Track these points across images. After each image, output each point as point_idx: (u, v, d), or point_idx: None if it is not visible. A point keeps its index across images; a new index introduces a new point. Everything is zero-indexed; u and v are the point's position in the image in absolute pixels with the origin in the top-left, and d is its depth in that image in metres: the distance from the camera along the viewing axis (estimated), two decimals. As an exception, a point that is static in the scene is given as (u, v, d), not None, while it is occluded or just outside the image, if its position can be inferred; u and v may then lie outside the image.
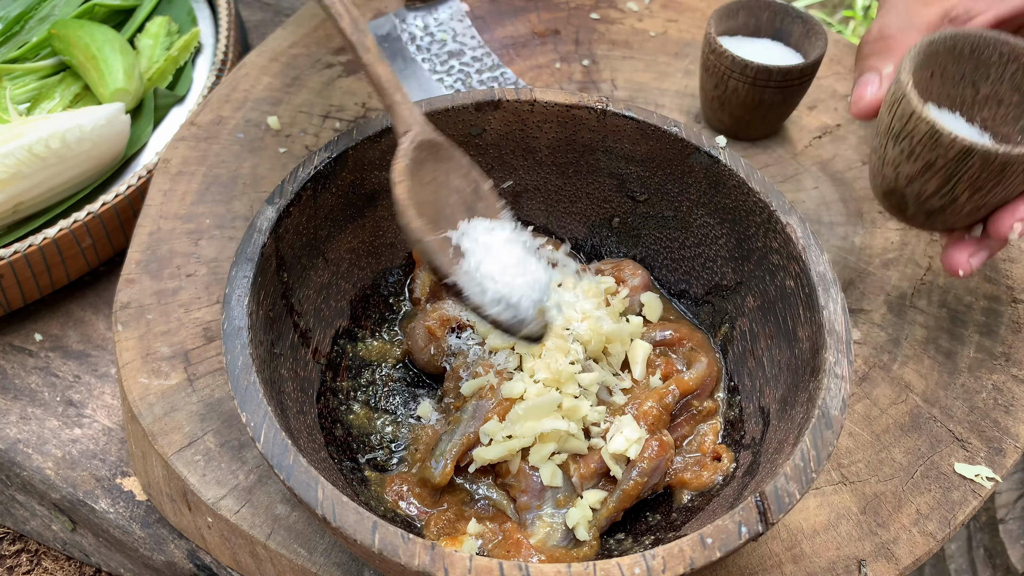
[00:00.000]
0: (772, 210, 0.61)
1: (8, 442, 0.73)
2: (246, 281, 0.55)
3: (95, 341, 0.79)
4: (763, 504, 0.47)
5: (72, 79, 0.92)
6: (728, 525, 0.47)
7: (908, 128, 0.58)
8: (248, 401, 0.50)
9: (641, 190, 0.69)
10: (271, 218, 0.58)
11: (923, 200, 0.61)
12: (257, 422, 0.49)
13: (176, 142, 0.82)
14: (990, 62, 0.63)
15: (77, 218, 0.77)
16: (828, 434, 0.50)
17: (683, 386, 0.61)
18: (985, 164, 0.56)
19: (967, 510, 0.62)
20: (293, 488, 0.47)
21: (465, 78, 0.89)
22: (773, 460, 0.53)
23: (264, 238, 0.57)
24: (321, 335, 0.65)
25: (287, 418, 0.55)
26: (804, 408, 0.53)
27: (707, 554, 0.46)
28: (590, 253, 0.73)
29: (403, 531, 0.45)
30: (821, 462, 0.49)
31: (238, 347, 0.52)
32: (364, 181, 0.65)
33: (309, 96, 0.88)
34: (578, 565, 0.45)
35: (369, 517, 0.46)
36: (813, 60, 0.80)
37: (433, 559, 0.45)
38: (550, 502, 0.57)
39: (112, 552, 0.74)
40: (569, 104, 0.66)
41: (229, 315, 0.54)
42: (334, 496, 0.47)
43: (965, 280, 0.76)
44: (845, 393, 0.52)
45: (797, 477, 0.48)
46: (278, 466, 0.48)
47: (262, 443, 0.49)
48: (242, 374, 0.51)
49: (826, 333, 0.54)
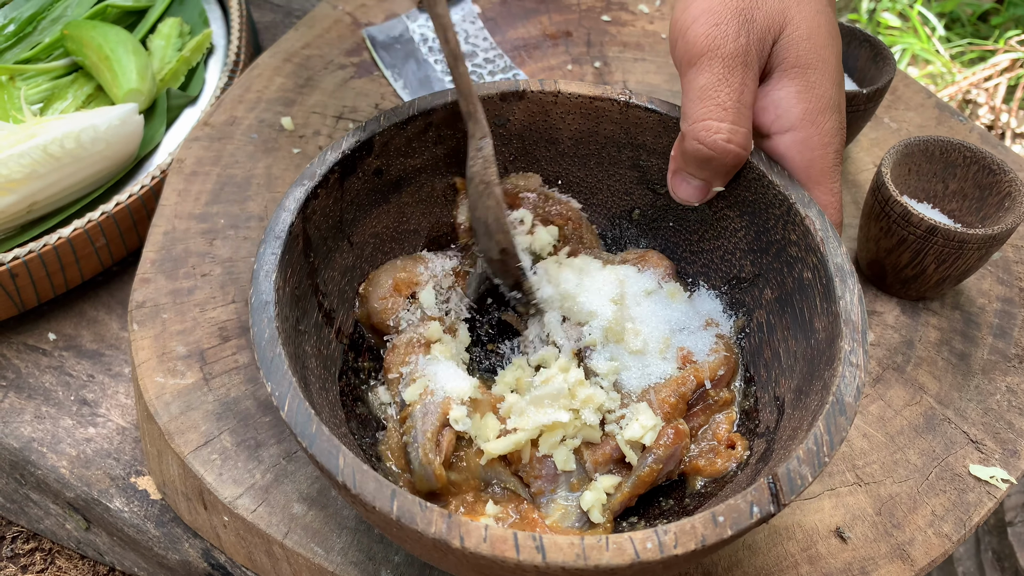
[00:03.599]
0: (792, 203, 0.61)
1: (22, 441, 0.73)
2: (274, 258, 0.56)
3: (108, 340, 0.79)
4: (775, 485, 0.48)
5: (85, 79, 0.92)
6: (740, 504, 0.47)
7: (886, 210, 0.70)
8: (274, 372, 0.51)
9: (662, 182, 0.69)
10: (299, 198, 0.59)
11: (898, 270, 0.73)
12: (282, 392, 0.50)
13: (190, 142, 0.82)
14: (956, 163, 0.74)
15: (91, 218, 0.77)
16: (842, 420, 0.50)
17: (700, 376, 0.61)
18: (947, 240, 0.68)
19: (982, 512, 0.62)
20: (315, 455, 0.48)
21: (477, 79, 0.89)
22: (787, 447, 0.53)
23: (292, 217, 0.58)
24: (344, 316, 0.65)
25: (310, 392, 0.55)
26: (819, 396, 0.54)
27: (718, 532, 0.46)
28: (611, 244, 0.73)
29: (421, 500, 0.46)
30: (834, 446, 0.49)
31: (265, 320, 0.53)
32: (390, 167, 0.66)
33: (322, 97, 0.88)
34: (591, 537, 0.45)
35: (388, 485, 0.46)
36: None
37: (449, 527, 0.45)
38: (564, 486, 0.58)
39: (126, 551, 0.74)
40: (593, 96, 0.67)
41: (257, 289, 0.55)
42: (355, 464, 0.47)
43: (978, 282, 0.76)
44: (860, 381, 0.52)
45: (810, 460, 0.49)
46: (301, 434, 0.49)
47: (286, 412, 0.49)
48: (268, 346, 0.52)
49: (842, 323, 0.54)
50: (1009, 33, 1.87)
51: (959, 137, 0.88)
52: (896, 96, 0.92)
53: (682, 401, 0.59)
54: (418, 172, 0.68)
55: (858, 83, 0.82)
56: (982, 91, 1.86)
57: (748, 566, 0.59)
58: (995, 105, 1.83)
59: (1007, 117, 1.81)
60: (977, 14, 1.99)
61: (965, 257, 0.69)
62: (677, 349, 0.62)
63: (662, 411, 0.59)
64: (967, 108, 1.85)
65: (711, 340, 0.63)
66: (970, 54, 1.88)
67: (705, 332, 0.64)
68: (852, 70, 0.83)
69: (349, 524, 0.60)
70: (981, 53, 1.89)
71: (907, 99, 0.92)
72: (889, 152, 0.72)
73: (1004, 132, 1.80)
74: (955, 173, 0.74)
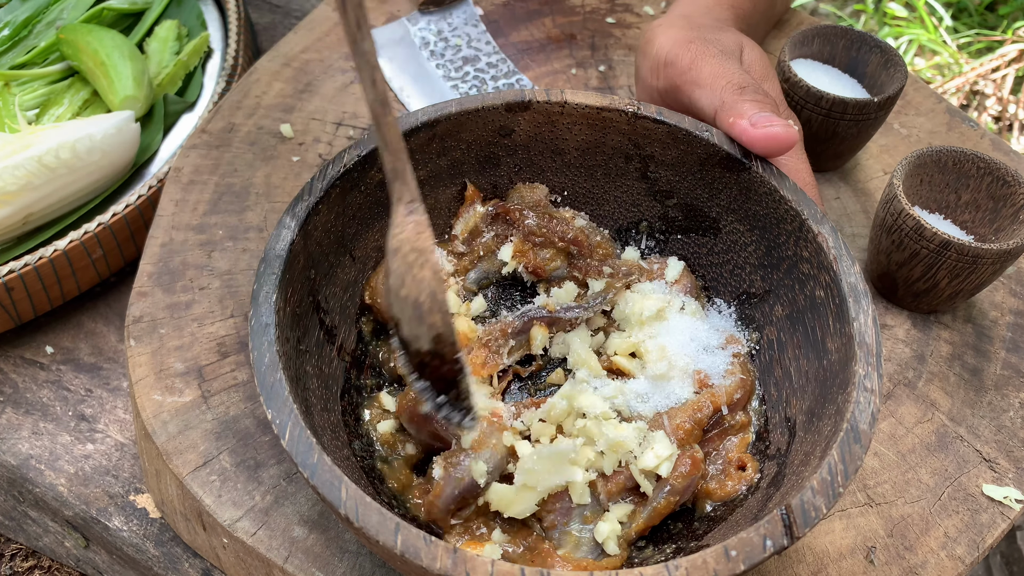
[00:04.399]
0: (804, 219, 0.60)
1: (20, 458, 0.72)
2: (274, 278, 0.55)
3: (106, 354, 0.78)
4: (789, 517, 0.47)
5: (81, 84, 0.90)
6: (753, 538, 0.46)
7: (899, 223, 0.69)
8: (274, 398, 0.50)
9: (670, 194, 0.68)
10: (300, 215, 0.58)
11: (910, 284, 0.71)
12: (283, 420, 0.49)
13: (187, 150, 0.80)
14: (969, 174, 0.72)
15: (87, 229, 0.76)
16: (856, 448, 0.49)
17: (716, 401, 0.59)
18: (960, 255, 0.66)
19: (996, 533, 0.61)
20: (317, 487, 0.47)
21: (480, 84, 0.88)
22: (799, 472, 0.52)
23: (292, 235, 0.57)
24: (346, 332, 0.64)
25: (311, 415, 0.54)
26: (832, 421, 0.52)
27: (731, 567, 0.45)
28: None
29: (425, 533, 0.45)
30: (849, 476, 0.48)
31: (265, 344, 0.52)
32: None
33: (322, 103, 0.86)
34: (601, 574, 0.44)
35: (392, 518, 0.46)
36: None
37: (455, 563, 0.44)
38: (577, 519, 0.56)
39: (126, 569, 0.73)
40: (600, 106, 0.65)
41: (256, 312, 0.53)
42: (357, 496, 0.46)
43: (990, 294, 0.75)
44: (875, 407, 0.51)
45: (824, 491, 0.48)
46: (302, 464, 0.48)
47: (287, 441, 0.48)
48: (268, 371, 0.51)
49: (856, 345, 0.53)
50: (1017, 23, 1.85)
51: (970, 143, 0.86)
52: (906, 101, 0.90)
53: (698, 427, 0.58)
54: (421, 184, 0.67)
55: (868, 90, 0.80)
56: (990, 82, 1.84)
57: (757, 590, 0.58)
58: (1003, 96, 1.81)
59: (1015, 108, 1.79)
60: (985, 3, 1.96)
61: (979, 272, 0.67)
62: (694, 372, 0.61)
63: (677, 438, 0.57)
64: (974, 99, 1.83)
65: (727, 360, 0.62)
66: (978, 44, 1.86)
67: (722, 352, 0.63)
68: (862, 76, 0.81)
69: (351, 548, 0.59)
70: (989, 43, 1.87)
71: (917, 104, 0.90)
72: (901, 163, 0.71)
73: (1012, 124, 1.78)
74: (968, 184, 0.72)
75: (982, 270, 0.67)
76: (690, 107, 0.68)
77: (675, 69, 0.69)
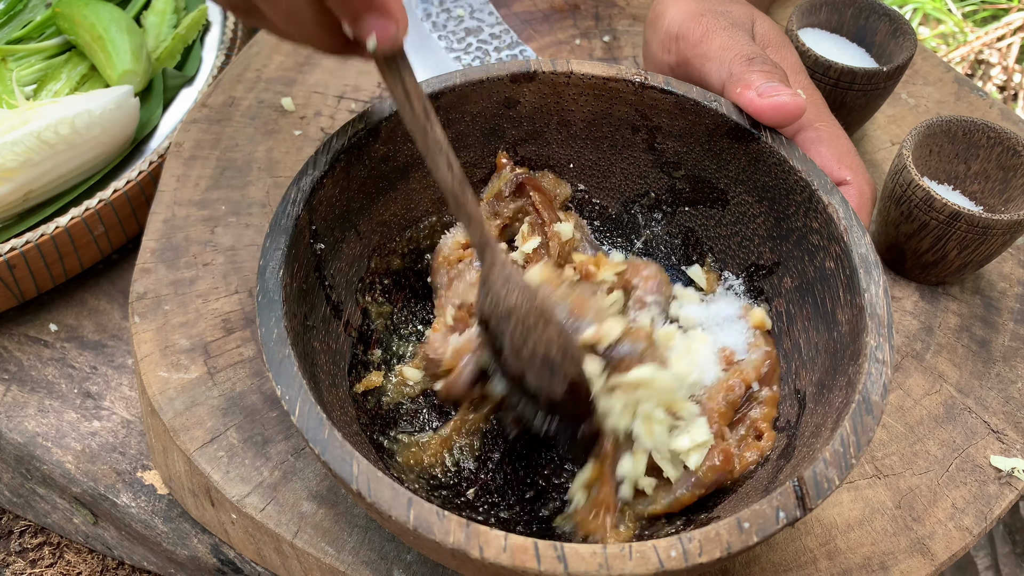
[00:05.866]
0: (814, 189, 0.59)
1: (27, 436, 0.72)
2: (280, 253, 0.54)
3: (111, 331, 0.78)
4: (801, 489, 0.46)
5: (79, 59, 0.89)
6: (765, 510, 0.46)
7: (908, 194, 0.68)
8: (283, 374, 0.49)
9: (677, 166, 0.67)
10: (305, 189, 0.57)
11: (919, 255, 0.71)
12: (292, 395, 0.49)
13: (187, 125, 0.80)
14: (979, 144, 0.72)
15: (89, 205, 0.76)
16: (868, 419, 0.49)
17: (747, 378, 0.58)
18: (970, 226, 0.66)
19: (1003, 504, 0.61)
20: (328, 463, 0.47)
21: (483, 56, 0.87)
22: (810, 444, 0.52)
23: (298, 209, 0.56)
24: (352, 308, 0.64)
25: (320, 391, 0.54)
26: (843, 392, 0.52)
27: (744, 539, 0.45)
28: (627, 228, 0.71)
29: (438, 508, 0.45)
30: (861, 448, 0.48)
31: (272, 320, 0.51)
32: (397, 153, 0.64)
33: (323, 76, 0.85)
34: (613, 547, 0.44)
35: (404, 493, 0.45)
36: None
37: (468, 537, 0.44)
38: None
39: (135, 545, 0.73)
40: (607, 76, 0.65)
41: (264, 287, 0.53)
42: (369, 471, 0.46)
43: (999, 265, 0.74)
44: (886, 378, 0.51)
45: (836, 463, 0.47)
46: (313, 440, 0.47)
47: (297, 417, 0.48)
48: (276, 347, 0.50)
49: (867, 316, 0.53)
50: (1024, -8, 1.83)
51: (979, 112, 0.85)
52: (914, 70, 0.89)
53: (731, 408, 0.58)
54: (423, 159, 0.66)
55: (876, 59, 0.79)
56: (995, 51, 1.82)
57: (766, 562, 0.58)
58: (1008, 65, 1.79)
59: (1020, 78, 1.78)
60: (991, -29, 1.94)
61: (989, 242, 0.67)
62: (720, 349, 0.61)
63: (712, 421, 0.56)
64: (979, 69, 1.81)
65: (747, 333, 0.61)
66: (983, 13, 1.84)
67: (740, 323, 0.62)
68: (870, 46, 0.80)
69: (360, 522, 0.59)
70: (994, 11, 1.85)
71: (925, 73, 0.89)
72: (911, 134, 0.70)
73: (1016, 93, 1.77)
74: (978, 154, 0.72)
75: (992, 241, 0.67)
76: (701, 81, 0.67)
77: (686, 43, 0.68)
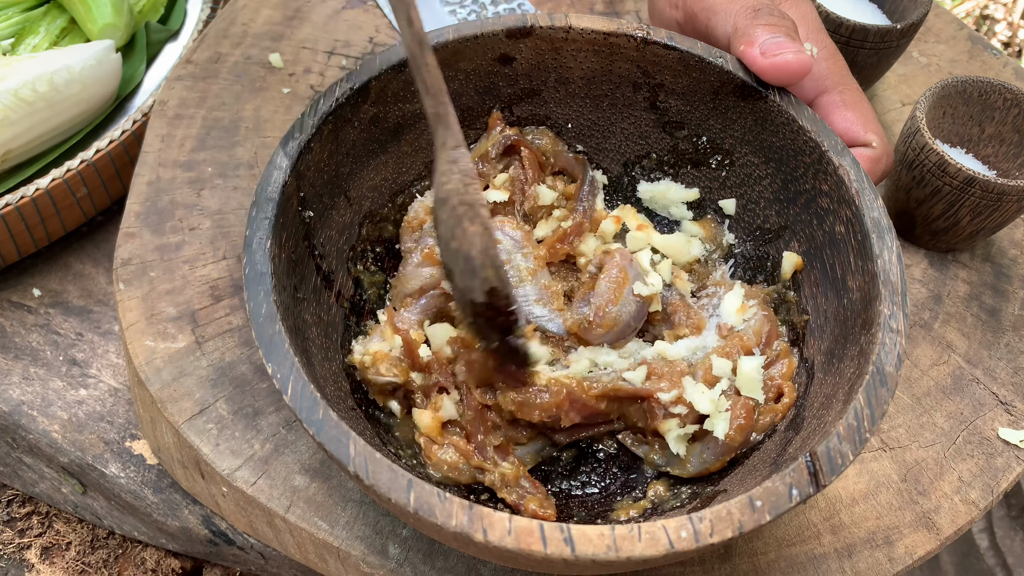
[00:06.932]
0: (824, 150, 0.57)
1: (12, 404, 0.70)
2: (267, 223, 0.52)
3: (96, 296, 0.76)
4: (814, 465, 0.45)
5: (58, 11, 0.85)
6: (778, 487, 0.44)
7: (920, 158, 0.66)
8: (274, 352, 0.47)
9: (680, 126, 0.65)
10: (292, 154, 0.55)
11: (929, 222, 0.69)
12: (284, 374, 0.47)
13: (172, 82, 0.76)
14: (995, 106, 0.69)
15: (70, 166, 0.73)
16: (883, 392, 0.47)
17: (746, 344, 0.57)
18: (985, 192, 0.64)
19: (1011, 477, 0.60)
20: (324, 444, 0.45)
21: (479, 10, 0.83)
22: (820, 416, 0.50)
23: (285, 176, 0.54)
24: (344, 277, 0.61)
25: (313, 367, 0.52)
26: (855, 363, 0.50)
27: (756, 517, 0.43)
28: (625, 191, 0.69)
29: (439, 490, 0.43)
30: (875, 421, 0.46)
31: (261, 294, 0.49)
32: (387, 114, 0.61)
33: (312, 31, 0.82)
34: (622, 528, 0.42)
35: (403, 475, 0.44)
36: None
37: (471, 519, 0.42)
38: None
39: (125, 515, 0.72)
40: (607, 31, 0.62)
41: (251, 259, 0.50)
42: (367, 452, 0.44)
43: (1010, 232, 0.72)
44: (900, 349, 0.49)
45: (850, 437, 0.46)
46: (307, 420, 0.45)
47: (290, 396, 0.46)
48: (266, 323, 0.48)
49: (880, 284, 0.51)
50: (1034, -56, 1.78)
51: (992, 72, 0.83)
52: (926, 28, 0.86)
53: None
54: (417, 118, 0.63)
55: (889, 16, 0.76)
56: (1000, 6, 1.78)
57: (769, 536, 0.57)
58: (1013, 21, 1.76)
59: (1024, 33, 1.74)
60: (1000, -78, 1.89)
61: (1003, 209, 0.65)
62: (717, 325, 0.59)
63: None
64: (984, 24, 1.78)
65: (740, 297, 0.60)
66: (990, -34, 1.80)
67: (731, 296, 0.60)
68: (883, 2, 0.77)
69: (354, 496, 0.58)
70: (1002, -35, 1.80)
71: (937, 31, 0.86)
72: (925, 95, 0.68)
73: (1021, 50, 1.73)
74: (993, 116, 0.69)
75: (1006, 207, 0.65)
76: (707, 36, 0.64)
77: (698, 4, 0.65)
